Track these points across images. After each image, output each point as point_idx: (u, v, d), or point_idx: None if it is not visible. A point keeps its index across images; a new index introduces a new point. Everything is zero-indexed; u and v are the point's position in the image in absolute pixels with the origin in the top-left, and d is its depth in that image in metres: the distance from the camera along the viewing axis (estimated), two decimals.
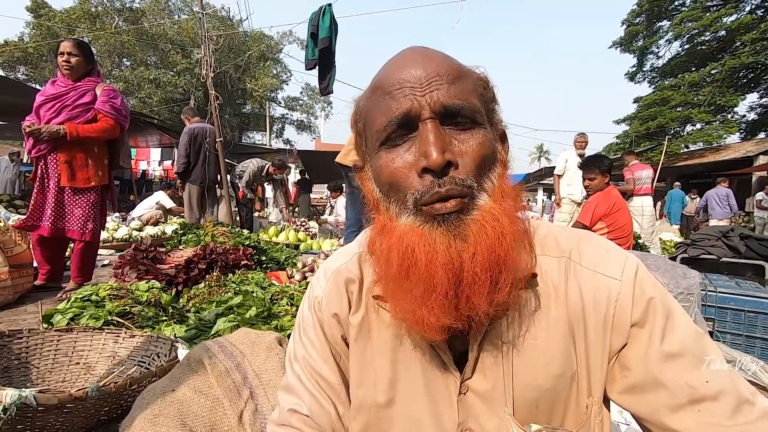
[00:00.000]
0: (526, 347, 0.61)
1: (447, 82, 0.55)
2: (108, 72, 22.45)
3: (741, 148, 16.35)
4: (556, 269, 0.63)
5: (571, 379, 0.61)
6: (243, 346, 1.40)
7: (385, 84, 0.58)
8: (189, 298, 2.56)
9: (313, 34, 4.95)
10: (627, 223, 3.61)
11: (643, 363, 0.58)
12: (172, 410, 1.15)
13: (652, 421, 0.58)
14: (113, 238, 5.40)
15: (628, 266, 0.61)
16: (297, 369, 0.72)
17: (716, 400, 0.54)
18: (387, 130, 0.57)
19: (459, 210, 0.53)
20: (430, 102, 0.54)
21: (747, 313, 2.54)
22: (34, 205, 2.94)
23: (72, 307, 2.04)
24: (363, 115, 0.63)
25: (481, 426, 0.62)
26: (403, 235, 0.55)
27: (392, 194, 0.58)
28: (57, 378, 1.71)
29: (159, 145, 14.32)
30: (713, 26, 19.43)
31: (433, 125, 0.54)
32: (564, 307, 0.61)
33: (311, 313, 0.72)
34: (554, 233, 0.67)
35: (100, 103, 2.99)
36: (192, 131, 5.63)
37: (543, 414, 0.61)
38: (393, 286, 0.58)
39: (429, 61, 0.57)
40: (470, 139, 0.56)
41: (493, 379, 0.61)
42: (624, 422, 1.41)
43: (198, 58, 6.95)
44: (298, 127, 30.37)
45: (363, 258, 0.70)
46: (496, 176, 0.58)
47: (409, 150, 0.56)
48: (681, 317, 0.60)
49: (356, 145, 0.67)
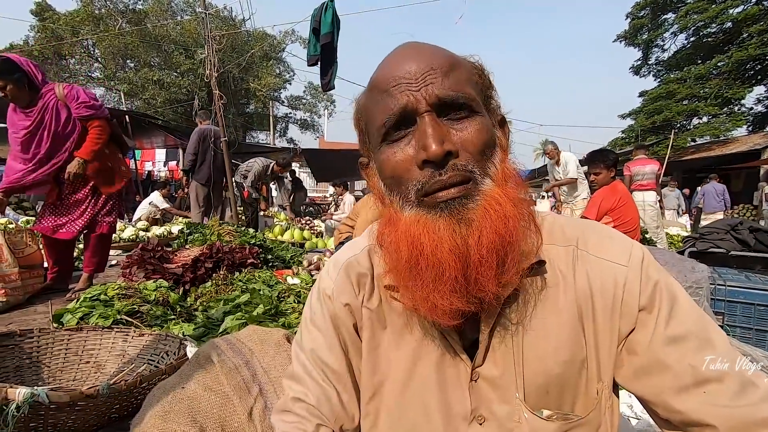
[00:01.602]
0: (536, 334, 0.62)
1: (441, 74, 0.57)
2: (112, 74, 22.59)
3: (748, 141, 16.15)
4: (564, 257, 0.64)
5: (580, 365, 0.62)
6: (251, 344, 1.41)
7: (382, 82, 0.59)
8: (196, 297, 2.58)
9: (315, 29, 4.95)
10: (633, 217, 3.59)
11: (648, 346, 0.59)
12: (183, 407, 1.15)
13: (657, 403, 0.59)
14: (120, 238, 5.44)
15: (635, 252, 0.63)
16: (303, 358, 0.73)
17: (720, 382, 0.55)
18: (386, 126, 0.58)
19: (462, 195, 0.55)
20: (425, 96, 0.56)
21: (757, 307, 2.51)
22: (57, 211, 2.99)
23: (81, 306, 2.06)
24: (364, 114, 0.65)
25: (492, 412, 0.63)
26: (408, 226, 0.57)
27: (395, 187, 0.60)
28: (68, 377, 1.73)
29: (164, 146, 14.41)
30: (719, 18, 19.16)
31: (430, 118, 0.56)
32: (573, 294, 0.62)
33: (320, 303, 0.74)
34: (560, 223, 0.68)
35: (76, 111, 2.91)
36: (202, 132, 5.85)
37: (553, 399, 0.62)
38: (404, 276, 0.59)
39: (422, 56, 0.58)
40: (468, 127, 0.57)
41: (503, 365, 0.62)
42: (634, 416, 1.41)
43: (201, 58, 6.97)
44: (302, 126, 30.41)
45: (373, 250, 0.71)
46: (498, 161, 0.59)
47: (410, 143, 0.58)
48: (685, 302, 0.61)
49: (360, 142, 0.69)
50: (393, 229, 0.59)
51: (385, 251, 0.63)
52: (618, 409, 0.67)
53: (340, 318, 0.71)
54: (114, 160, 3.14)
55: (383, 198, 0.63)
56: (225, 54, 17.59)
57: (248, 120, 27.69)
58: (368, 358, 0.69)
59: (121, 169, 3.18)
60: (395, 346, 0.67)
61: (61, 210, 2.99)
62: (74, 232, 2.99)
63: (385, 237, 0.62)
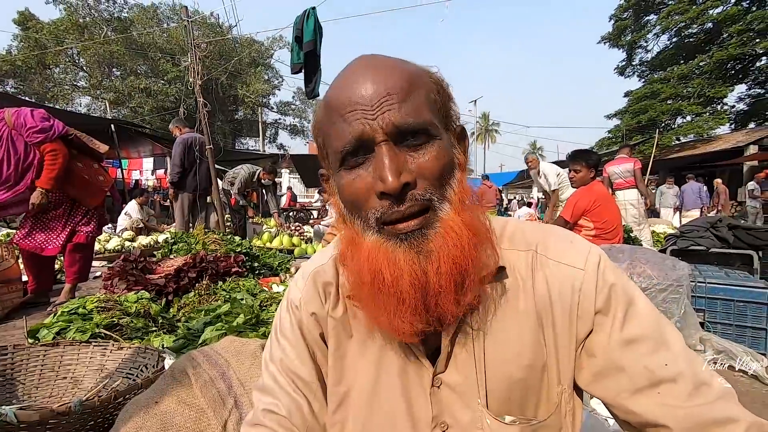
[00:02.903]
0: (497, 339, 0.62)
1: (398, 101, 0.55)
2: (98, 82, 22.36)
3: (731, 138, 16.46)
4: (524, 262, 0.65)
5: (542, 370, 0.63)
6: (228, 355, 1.39)
7: (338, 105, 0.58)
8: (179, 308, 2.55)
9: (297, 37, 4.95)
10: (612, 218, 3.58)
11: (605, 349, 0.60)
12: (155, 422, 1.14)
13: (615, 405, 0.60)
14: (105, 249, 5.37)
15: (591, 256, 0.63)
16: (273, 369, 0.72)
17: (675, 382, 0.56)
18: (343, 153, 0.58)
19: (422, 226, 0.55)
20: (382, 125, 0.55)
21: (737, 303, 2.55)
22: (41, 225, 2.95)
23: (58, 321, 2.02)
24: (321, 131, 0.63)
25: (455, 419, 0.63)
26: (370, 252, 0.57)
27: (355, 212, 0.60)
28: (44, 393, 1.70)
29: (151, 154, 14.24)
30: (700, 18, 19.54)
31: (387, 148, 0.55)
32: (532, 299, 0.63)
33: (289, 313, 0.74)
34: (522, 228, 0.69)
35: (27, 138, 2.78)
36: (186, 141, 5.71)
37: (516, 405, 0.62)
38: (366, 299, 0.60)
39: (378, 78, 0.56)
40: (426, 154, 0.56)
41: (465, 371, 0.63)
42: (610, 416, 1.41)
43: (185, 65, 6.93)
44: (292, 131, 30.35)
45: (338, 260, 0.71)
46: (456, 183, 0.59)
47: (368, 169, 0.57)
48: (642, 304, 0.62)
49: (320, 155, 0.68)
50: (355, 251, 0.60)
51: (348, 270, 0.64)
52: (580, 412, 0.67)
53: (307, 328, 0.71)
54: (89, 171, 3.06)
55: (344, 218, 0.63)
56: (212, 61, 17.51)
57: (237, 126, 27.58)
58: (334, 367, 0.69)
59: (98, 179, 3.10)
60: (360, 355, 0.68)
61: (45, 224, 2.95)
62: (59, 247, 2.95)
63: (347, 258, 0.62)
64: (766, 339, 2.47)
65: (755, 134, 15.25)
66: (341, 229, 0.64)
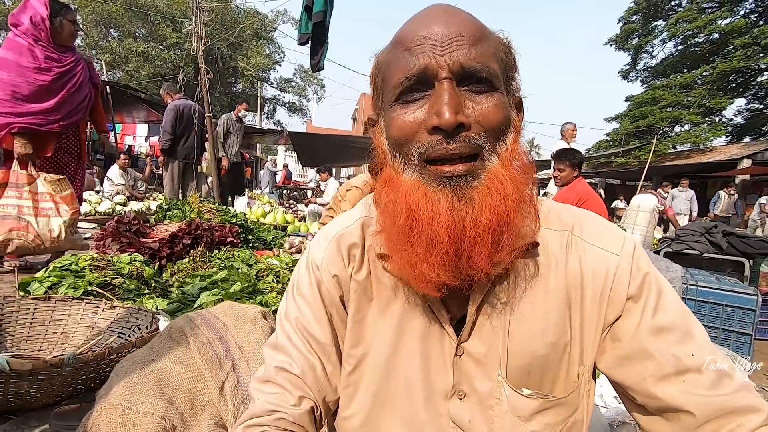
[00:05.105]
0: (523, 314, 0.63)
1: (468, 43, 0.55)
2: (94, 42, 21.73)
3: (726, 150, 16.62)
4: (558, 242, 0.65)
5: (563, 348, 0.63)
6: (226, 319, 1.38)
7: (406, 39, 0.57)
8: (172, 273, 2.52)
9: (307, 6, 4.79)
10: (598, 213, 3.64)
11: (634, 335, 0.61)
12: (151, 379, 1.12)
13: (638, 390, 0.61)
14: (96, 211, 5.28)
15: (627, 243, 0.65)
16: (287, 327, 0.71)
17: (700, 372, 0.57)
18: (403, 86, 0.57)
19: (468, 173, 0.54)
20: (449, 62, 0.54)
21: (725, 308, 2.60)
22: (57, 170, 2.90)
23: (50, 276, 1.99)
24: (382, 70, 0.63)
25: (473, 388, 0.63)
26: (407, 191, 0.56)
27: (399, 148, 0.59)
28: (33, 347, 1.67)
29: (146, 121, 13.93)
30: (707, 28, 19.56)
31: (449, 85, 0.54)
32: (563, 278, 0.63)
33: (308, 272, 0.72)
34: (557, 209, 0.69)
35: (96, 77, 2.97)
36: (177, 108, 5.56)
37: (534, 380, 0.63)
38: (396, 239, 0.58)
39: (452, 20, 0.56)
40: (486, 102, 0.56)
41: (488, 342, 0.63)
42: (603, 405, 1.44)
43: (188, 30, 6.75)
44: (290, 109, 29.94)
45: (366, 223, 0.71)
46: (509, 141, 0.58)
47: (423, 107, 0.56)
48: (671, 294, 0.63)
49: (372, 100, 0.68)
50: (392, 189, 0.59)
51: (381, 211, 0.63)
52: (594, 394, 0.68)
53: (327, 288, 0.70)
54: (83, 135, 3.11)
55: (385, 157, 0.62)
56: (214, 29, 17.09)
57: (235, 99, 27.09)
58: (353, 330, 0.68)
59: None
60: (380, 317, 0.67)
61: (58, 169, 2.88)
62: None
63: (382, 196, 0.61)
64: (750, 344, 2.52)
65: (750, 148, 15.42)
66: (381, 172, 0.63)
